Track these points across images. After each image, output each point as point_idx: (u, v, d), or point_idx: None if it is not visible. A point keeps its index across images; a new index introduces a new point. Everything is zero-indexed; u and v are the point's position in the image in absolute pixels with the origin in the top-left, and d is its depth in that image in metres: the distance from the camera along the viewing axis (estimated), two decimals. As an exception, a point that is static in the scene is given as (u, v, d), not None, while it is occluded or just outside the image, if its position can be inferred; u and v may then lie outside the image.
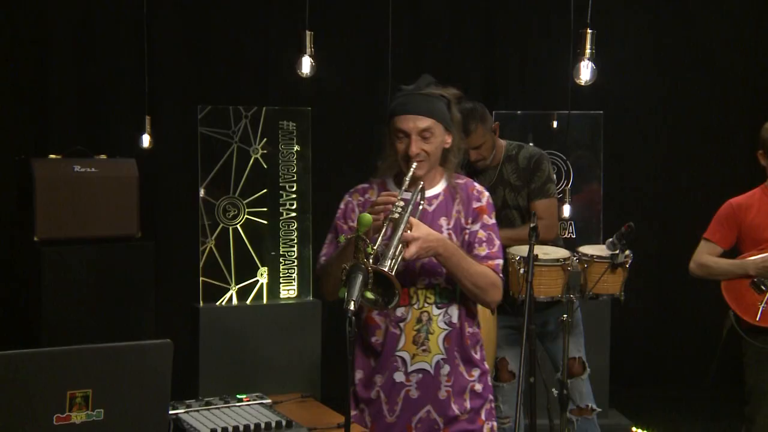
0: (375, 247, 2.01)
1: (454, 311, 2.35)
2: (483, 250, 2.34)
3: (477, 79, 5.42)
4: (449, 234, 2.35)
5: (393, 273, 2.00)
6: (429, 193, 2.39)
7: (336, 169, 5.03)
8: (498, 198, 3.57)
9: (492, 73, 5.51)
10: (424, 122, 2.30)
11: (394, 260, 2.03)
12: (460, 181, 2.43)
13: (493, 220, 2.39)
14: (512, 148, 3.62)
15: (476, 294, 2.30)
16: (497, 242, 2.37)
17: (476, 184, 2.43)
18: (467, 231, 2.36)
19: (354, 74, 5.22)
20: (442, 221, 2.37)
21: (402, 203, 2.17)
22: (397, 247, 2.07)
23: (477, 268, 2.28)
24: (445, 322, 2.34)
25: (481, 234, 2.35)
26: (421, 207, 2.33)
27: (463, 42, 5.45)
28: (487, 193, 2.41)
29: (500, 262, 2.35)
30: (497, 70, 5.51)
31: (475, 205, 2.38)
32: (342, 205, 2.47)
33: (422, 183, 2.32)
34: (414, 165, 2.30)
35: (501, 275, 2.34)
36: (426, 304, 2.34)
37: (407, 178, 2.29)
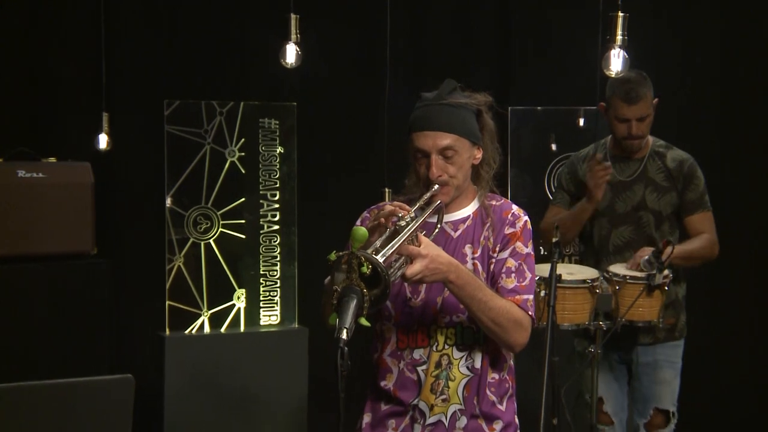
0: (372, 252, 2.00)
1: (477, 354, 2.36)
2: (510, 282, 2.32)
3: (487, 70, 5.44)
4: (474, 265, 2.35)
5: (384, 269, 1.97)
6: (456, 216, 2.40)
7: (326, 174, 5.05)
8: (633, 196, 3.62)
9: (506, 63, 5.53)
10: (445, 139, 2.31)
11: (386, 259, 2.02)
12: (494, 202, 2.42)
13: (528, 249, 2.37)
14: (660, 145, 3.69)
15: (496, 333, 2.28)
16: (529, 275, 2.34)
17: (514, 206, 2.42)
18: (493, 260, 2.35)
19: (346, 64, 5.24)
20: (467, 249, 2.37)
21: (413, 214, 2.18)
22: (394, 250, 2.06)
23: (497, 302, 2.26)
24: (467, 367, 2.35)
25: (511, 263, 2.34)
26: (438, 229, 2.34)
27: (471, 26, 5.48)
28: (525, 218, 2.39)
29: (529, 297, 2.33)
30: (512, 59, 5.53)
31: (508, 231, 2.36)
32: (358, 222, 2.47)
33: (440, 202, 2.33)
34: (435, 188, 2.31)
35: (531, 313, 2.32)
36: (446, 346, 2.34)
37: (423, 198, 2.30)
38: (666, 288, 3.42)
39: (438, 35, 5.40)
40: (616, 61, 3.33)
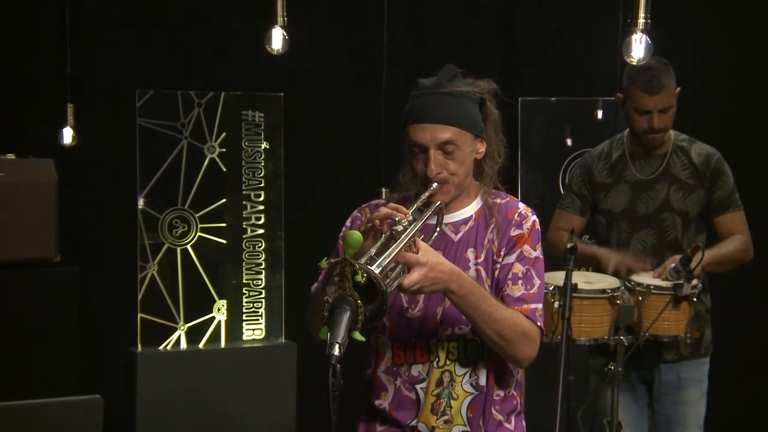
0: (367, 262, 2.00)
1: (481, 370, 2.35)
2: (517, 290, 2.32)
3: (495, 57, 5.44)
4: (477, 271, 2.34)
5: (381, 281, 1.97)
6: (456, 217, 2.39)
7: (316, 173, 5.05)
8: (656, 196, 3.61)
9: (515, 50, 5.54)
10: (445, 132, 2.30)
11: (382, 270, 2.02)
12: (499, 200, 2.42)
13: (537, 253, 2.36)
14: (683, 139, 3.68)
15: (502, 347, 2.28)
16: (537, 282, 2.34)
17: (521, 204, 2.41)
18: (498, 265, 2.35)
19: (339, 51, 5.25)
20: (470, 254, 2.36)
21: (410, 217, 2.17)
22: (391, 258, 2.06)
23: (503, 312, 2.26)
24: (472, 385, 2.34)
25: (517, 268, 2.34)
26: (437, 232, 2.34)
27: (476, 10, 5.48)
28: (533, 218, 2.38)
29: (538, 307, 2.32)
30: (522, 45, 5.54)
31: (514, 232, 2.36)
32: (348, 222, 2.47)
33: (440, 203, 2.32)
34: (433, 187, 2.30)
35: (539, 324, 2.31)
36: (448, 361, 2.34)
37: (421, 198, 2.29)
38: (695, 299, 3.42)
39: (440, 20, 5.41)
40: (638, 47, 3.33)
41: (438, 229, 2.34)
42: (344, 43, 5.27)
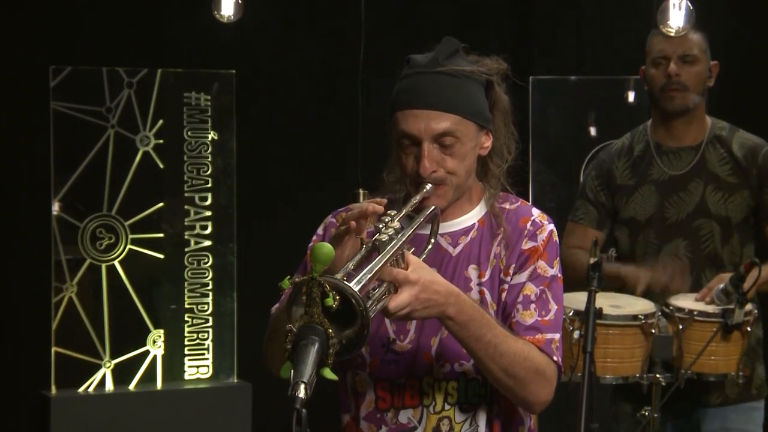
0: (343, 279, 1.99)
1: (486, 416, 2.35)
2: (529, 316, 2.32)
3: (504, 32, 5.46)
4: (481, 293, 2.34)
5: (361, 300, 1.97)
6: (455, 226, 2.39)
7: (277, 170, 5.05)
8: (689, 197, 3.63)
9: (527, 17, 5.56)
10: (443, 121, 2.29)
11: (362, 287, 2.02)
12: (507, 206, 2.42)
13: (554, 271, 2.36)
14: (720, 127, 3.69)
15: (510, 387, 2.27)
16: (554, 306, 2.34)
17: (535, 211, 2.41)
18: (506, 285, 2.35)
19: (304, 18, 5.25)
20: (471, 272, 2.37)
21: (397, 224, 2.17)
22: (373, 274, 2.06)
23: (512, 344, 2.25)
24: None
25: (530, 289, 2.33)
26: (431, 244, 2.34)
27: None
28: (550, 227, 2.38)
29: (555, 337, 2.32)
30: (535, 13, 5.56)
31: (526, 245, 2.36)
32: (320, 230, 2.47)
33: (434, 207, 2.32)
34: (427, 189, 2.31)
35: (556, 359, 2.32)
36: (447, 405, 2.34)
37: (411, 202, 2.29)
38: (748, 328, 3.42)
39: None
40: (677, 14, 3.37)
41: (432, 240, 2.34)
42: (313, 8, 5.27)
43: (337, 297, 1.92)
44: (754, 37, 5.24)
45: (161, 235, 4.67)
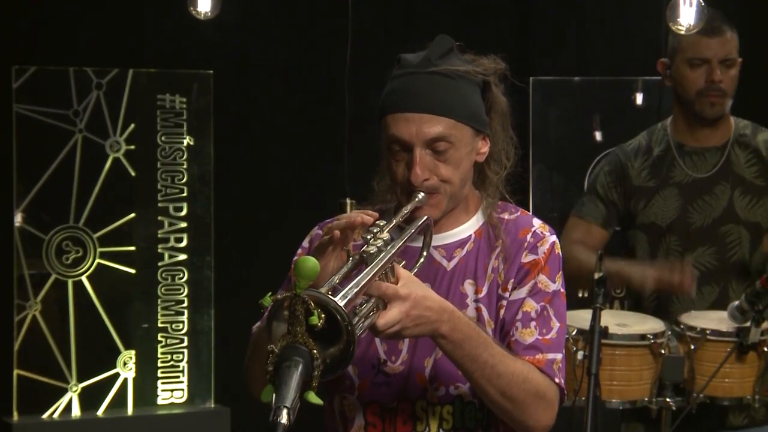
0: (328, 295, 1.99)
1: None
2: (529, 335, 2.33)
3: (502, 25, 5.47)
4: (477, 310, 2.36)
5: (347, 316, 1.96)
6: (450, 238, 2.40)
7: (258, 178, 5.05)
8: (715, 202, 3.64)
9: (527, 15, 5.56)
10: (436, 125, 2.30)
11: (348, 302, 2.01)
12: (506, 215, 2.43)
13: (556, 286, 2.38)
14: (744, 125, 3.71)
15: (508, 411, 2.27)
16: (556, 324, 2.35)
17: (536, 221, 2.43)
18: (505, 301, 2.36)
19: (287, 14, 5.26)
20: (467, 287, 2.38)
21: (386, 236, 2.17)
22: (360, 289, 2.05)
23: (510, 364, 2.25)
24: None
25: (530, 306, 2.34)
26: (423, 257, 2.34)
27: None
28: (552, 239, 2.40)
29: (557, 357, 2.33)
30: (536, 11, 5.57)
31: (526, 258, 2.37)
32: (306, 243, 2.47)
33: (427, 218, 2.32)
34: (419, 198, 2.31)
35: (558, 381, 2.33)
36: (441, 431, 2.34)
37: (402, 212, 2.29)
38: (765, 349, 3.44)
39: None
40: (687, 11, 3.38)
41: (425, 253, 2.35)
42: (297, 2, 5.28)
43: (323, 315, 1.92)
44: (755, 37, 5.25)
45: (132, 248, 4.67)
